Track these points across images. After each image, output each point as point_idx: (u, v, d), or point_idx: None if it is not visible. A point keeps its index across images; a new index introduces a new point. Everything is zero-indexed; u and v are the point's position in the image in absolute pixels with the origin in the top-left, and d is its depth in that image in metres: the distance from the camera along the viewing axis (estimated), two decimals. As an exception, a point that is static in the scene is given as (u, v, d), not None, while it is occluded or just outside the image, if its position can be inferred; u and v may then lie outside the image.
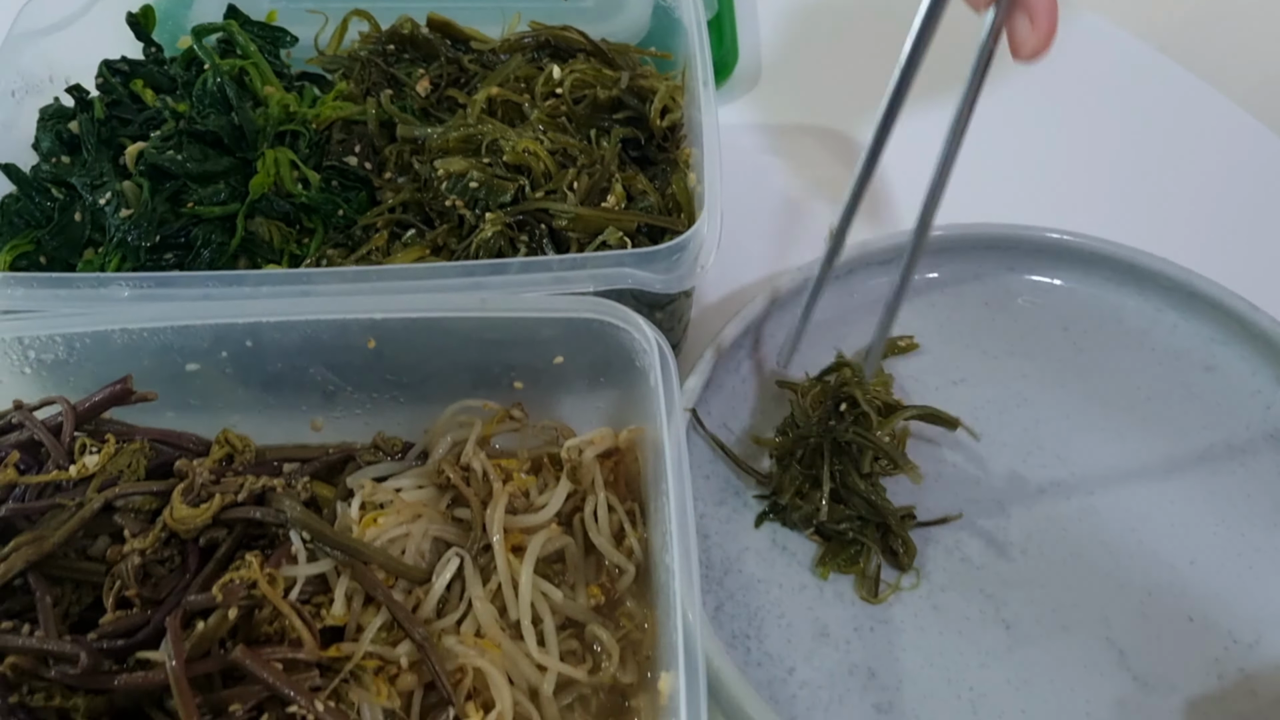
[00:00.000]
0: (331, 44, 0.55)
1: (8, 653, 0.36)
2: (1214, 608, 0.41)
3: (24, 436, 0.42)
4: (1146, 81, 0.62)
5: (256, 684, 0.36)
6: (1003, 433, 0.45)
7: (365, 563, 0.39)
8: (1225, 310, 0.46)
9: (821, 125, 0.59)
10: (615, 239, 0.44)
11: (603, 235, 0.45)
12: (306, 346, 0.42)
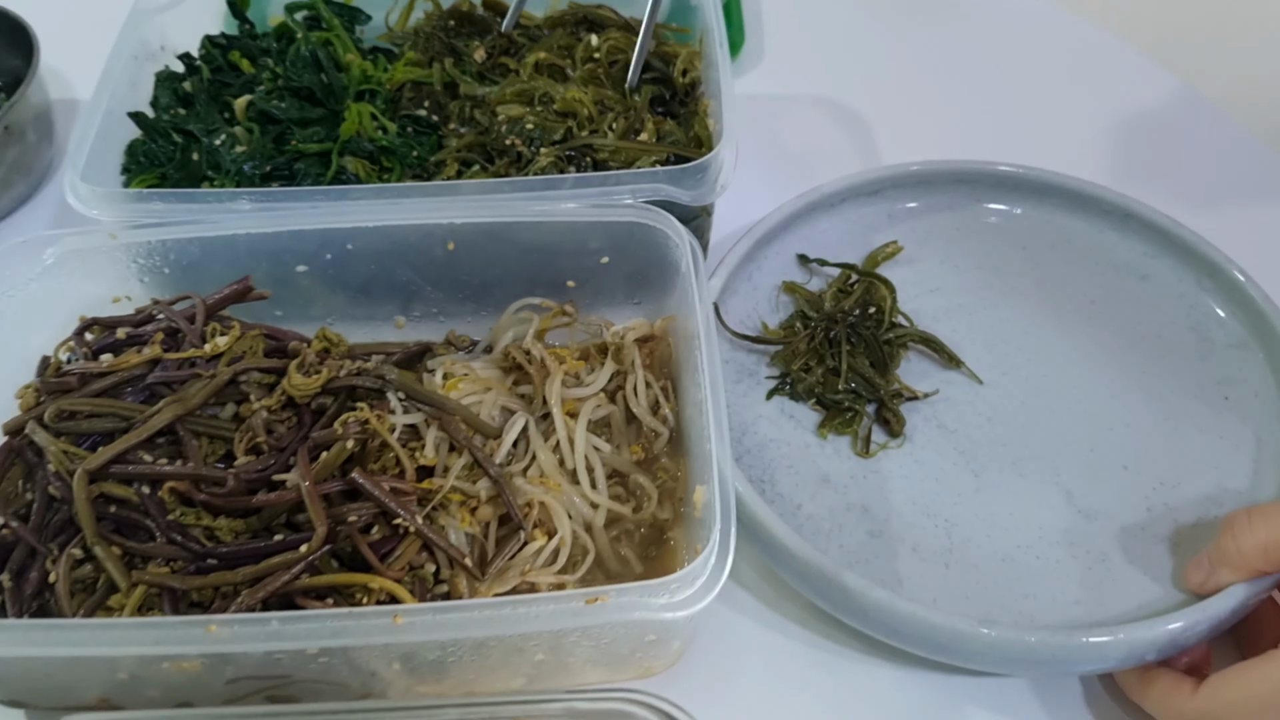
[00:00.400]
0: (400, 21, 0.65)
1: (167, 479, 0.45)
2: (1144, 459, 0.49)
3: (164, 324, 0.51)
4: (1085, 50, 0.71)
5: (369, 501, 0.45)
6: (972, 330, 0.54)
7: (450, 414, 0.47)
8: (1156, 228, 0.55)
9: (817, 95, 0.69)
10: (649, 165, 0.53)
11: (638, 164, 0.54)
12: (395, 249, 0.51)
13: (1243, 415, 0.50)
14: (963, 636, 0.42)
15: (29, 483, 0.47)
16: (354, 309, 0.55)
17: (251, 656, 0.40)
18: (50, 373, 0.50)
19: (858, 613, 0.43)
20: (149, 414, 0.47)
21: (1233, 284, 0.53)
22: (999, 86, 0.69)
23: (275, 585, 0.42)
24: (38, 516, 0.45)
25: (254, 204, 0.51)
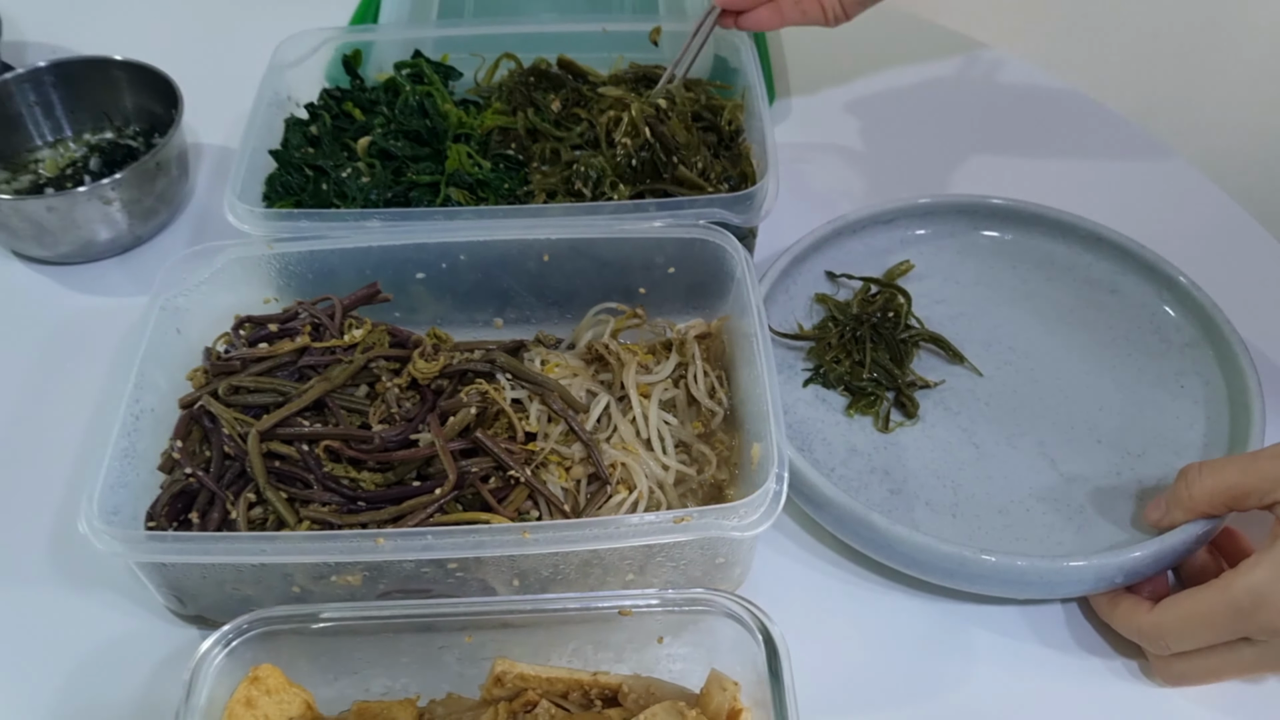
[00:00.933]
0: (486, 77, 0.77)
1: (322, 439, 0.55)
2: (1114, 434, 0.60)
3: (308, 320, 0.62)
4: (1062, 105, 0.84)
5: (487, 457, 0.55)
6: (972, 333, 0.65)
7: (549, 391, 0.58)
8: (1123, 249, 0.66)
9: (836, 143, 0.80)
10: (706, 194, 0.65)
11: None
12: (499, 260, 0.62)
13: (1194, 400, 0.61)
14: (968, 562, 0.52)
15: (205, 444, 0.57)
16: (457, 314, 0.66)
17: (403, 569, 0.50)
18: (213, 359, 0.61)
19: (883, 547, 0.54)
20: (302, 390, 0.57)
21: (1186, 294, 0.64)
22: (993, 134, 0.81)
23: (413, 522, 0.53)
24: (216, 469, 0.56)
25: (382, 222, 0.62)
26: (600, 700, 0.48)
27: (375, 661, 0.50)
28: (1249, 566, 0.49)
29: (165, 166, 0.73)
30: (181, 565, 0.50)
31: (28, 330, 0.70)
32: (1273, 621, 0.47)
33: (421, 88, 0.73)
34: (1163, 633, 0.51)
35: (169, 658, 0.55)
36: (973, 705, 0.52)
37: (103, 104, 0.78)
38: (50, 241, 0.71)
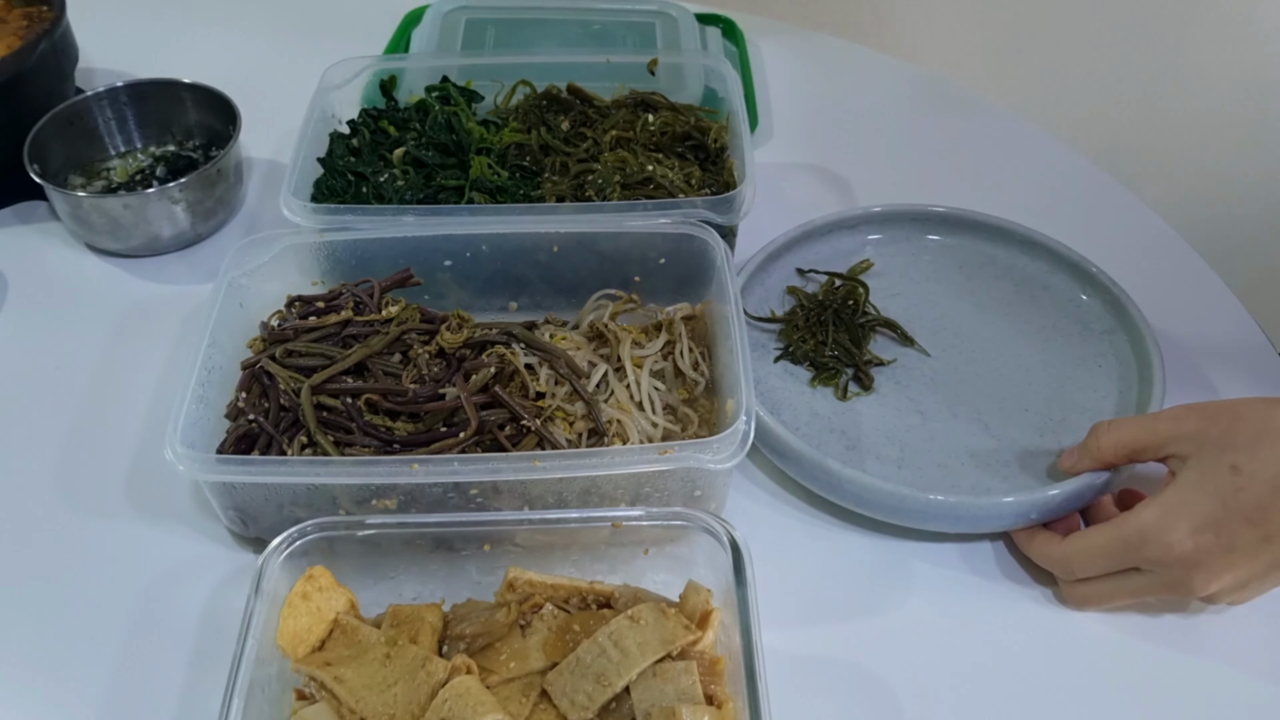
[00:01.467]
0: (504, 100, 0.88)
1: (364, 393, 0.65)
2: (1040, 405, 0.70)
3: (351, 299, 0.72)
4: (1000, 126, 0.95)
5: (503, 409, 0.65)
6: (922, 321, 0.75)
7: (556, 357, 0.68)
8: (1052, 252, 0.77)
9: (809, 163, 0.91)
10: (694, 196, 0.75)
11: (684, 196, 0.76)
12: (515, 251, 0.73)
13: (1109, 376, 0.72)
14: (907, 499, 0.62)
15: (264, 398, 0.67)
16: (477, 300, 0.76)
17: (432, 494, 0.60)
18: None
19: (836, 488, 0.64)
20: (346, 355, 0.68)
21: (1105, 289, 0.75)
22: (945, 155, 0.92)
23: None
24: (273, 417, 0.66)
25: (414, 217, 0.73)
26: (595, 604, 0.58)
27: (407, 570, 0.60)
28: (1140, 509, 0.58)
29: (224, 173, 0.84)
30: (247, 487, 0.60)
31: (103, 312, 0.80)
32: (1156, 554, 0.57)
33: (449, 108, 0.84)
34: (1070, 562, 0.61)
35: (230, 576, 0.64)
36: (912, 622, 0.62)
37: (169, 120, 0.89)
38: (123, 236, 0.82)
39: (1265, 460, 0.55)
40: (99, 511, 0.68)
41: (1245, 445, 0.56)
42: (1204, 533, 0.56)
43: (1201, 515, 0.56)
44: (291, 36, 1.07)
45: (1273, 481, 0.55)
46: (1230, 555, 0.56)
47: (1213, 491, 0.56)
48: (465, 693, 0.52)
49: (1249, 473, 0.55)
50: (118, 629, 0.62)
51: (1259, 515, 0.55)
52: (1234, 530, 0.56)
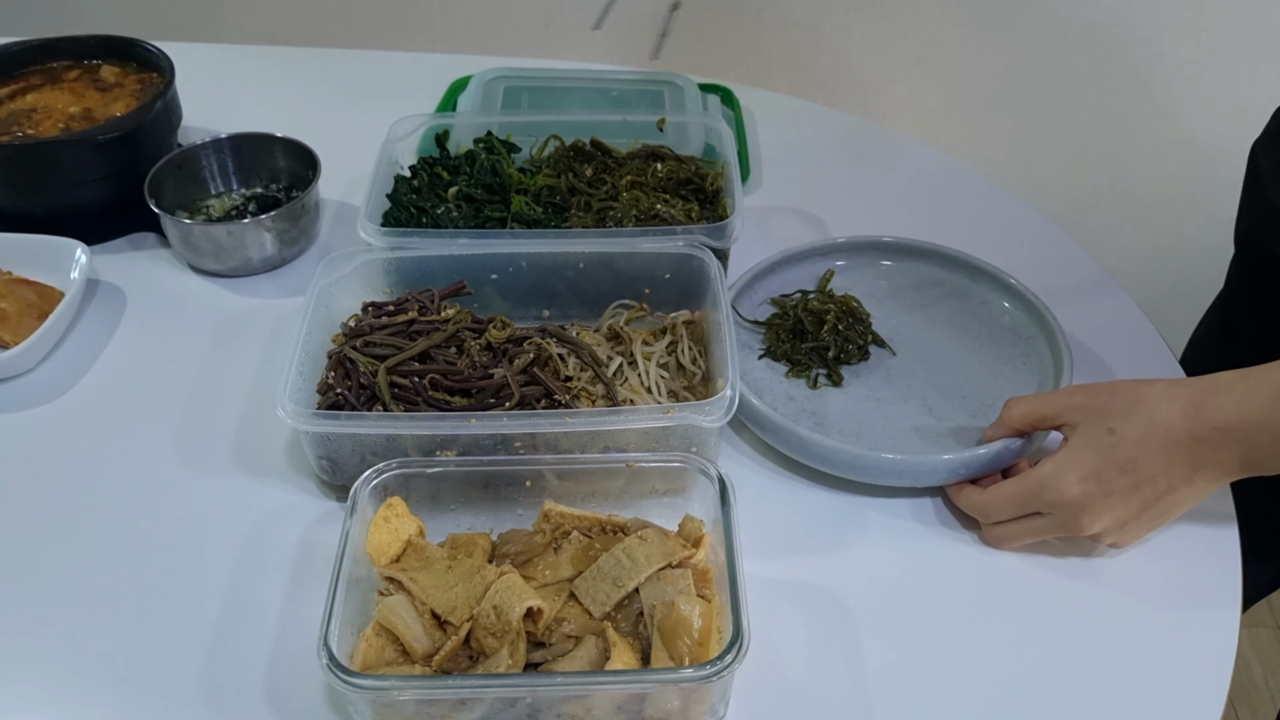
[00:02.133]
0: (538, 151, 1.05)
1: (428, 373, 0.82)
2: (974, 393, 0.86)
3: (415, 304, 0.89)
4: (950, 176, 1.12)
5: (540, 386, 0.81)
6: (881, 330, 0.92)
7: (582, 349, 0.85)
8: (988, 274, 0.94)
9: (791, 206, 1.08)
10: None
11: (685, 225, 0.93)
12: (548, 267, 0.89)
13: (1031, 371, 0.88)
14: (862, 458, 0.78)
15: (346, 379, 0.83)
16: (516, 308, 0.92)
17: (484, 446, 0.76)
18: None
19: (804, 450, 0.80)
20: (413, 345, 0.84)
21: (1030, 304, 0.91)
22: (899, 196, 1.09)
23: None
24: (355, 392, 0.82)
25: (467, 239, 0.90)
26: (611, 531, 0.74)
27: (463, 506, 0.76)
28: (1041, 464, 0.73)
29: (306, 208, 1.01)
30: (339, 437, 0.76)
31: (205, 320, 0.97)
32: (1053, 499, 0.72)
33: (493, 156, 1.02)
34: (988, 508, 0.76)
35: (318, 518, 0.80)
36: (865, 556, 0.77)
37: (259, 166, 1.07)
38: (223, 258, 0.99)
39: (1133, 424, 0.71)
40: (211, 470, 0.84)
41: (1119, 413, 0.71)
42: (1088, 481, 0.71)
43: (1086, 467, 0.71)
44: (356, 100, 1.25)
45: (1139, 440, 0.70)
46: (1109, 499, 0.71)
47: (1094, 449, 0.71)
48: (510, 586, 0.67)
49: (1121, 434, 0.71)
50: (229, 557, 0.77)
51: (1129, 466, 0.71)
52: (1111, 479, 0.71)
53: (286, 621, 0.73)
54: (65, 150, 1.00)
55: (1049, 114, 1.76)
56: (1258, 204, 0.94)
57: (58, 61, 1.13)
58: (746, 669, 0.65)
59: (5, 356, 0.89)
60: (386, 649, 0.67)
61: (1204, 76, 1.68)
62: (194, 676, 0.70)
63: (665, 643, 0.66)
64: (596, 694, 0.63)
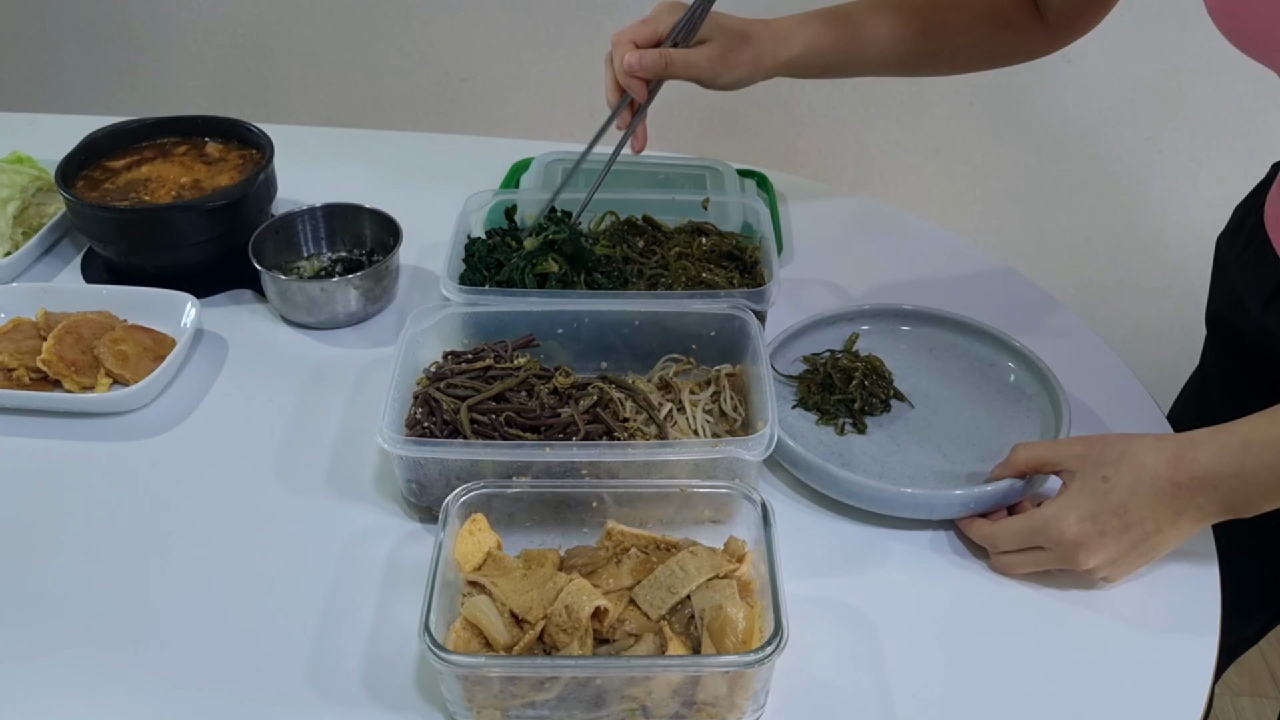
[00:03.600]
0: (595, 225, 1.19)
1: (510, 410, 0.93)
2: (984, 442, 0.96)
3: (491, 353, 1.00)
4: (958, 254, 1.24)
5: (601, 424, 0.93)
6: (902, 385, 1.03)
7: (638, 394, 0.96)
8: (997, 339, 1.05)
9: (820, 278, 1.21)
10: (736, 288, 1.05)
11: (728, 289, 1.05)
12: (607, 324, 1.01)
13: (1034, 424, 0.99)
14: (884, 492, 0.88)
15: (430, 415, 0.95)
16: (578, 360, 1.04)
17: (555, 473, 0.87)
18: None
19: (833, 485, 0.90)
20: (490, 387, 0.96)
21: (1034, 365, 1.02)
22: (917, 270, 1.22)
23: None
24: (439, 427, 0.93)
25: (537, 297, 1.02)
26: (666, 549, 0.84)
27: (535, 524, 0.87)
28: (1044, 505, 0.84)
29: (389, 269, 1.14)
30: (429, 462, 0.87)
31: (298, 367, 1.09)
32: (1054, 536, 0.82)
33: (556, 227, 1.15)
34: (996, 539, 0.87)
35: (404, 537, 0.91)
36: (888, 579, 0.87)
37: (344, 232, 1.20)
38: (315, 312, 1.12)
39: (1125, 473, 0.81)
40: (307, 494, 0.95)
41: (1112, 462, 0.82)
42: (1084, 522, 0.81)
43: (1083, 510, 0.81)
44: (425, 178, 1.39)
45: (1130, 487, 0.81)
46: (1103, 538, 0.82)
47: (1091, 494, 0.82)
48: (580, 588, 0.78)
49: (1114, 481, 0.81)
50: (327, 569, 0.88)
51: (1121, 510, 0.81)
52: (1105, 520, 0.81)
53: (379, 623, 0.84)
54: (179, 215, 1.14)
55: (1055, 202, 1.90)
56: (1223, 290, 1.06)
57: (168, 138, 1.28)
58: (783, 669, 0.76)
59: (126, 393, 1.01)
60: (472, 641, 0.77)
61: (1200, 171, 1.81)
62: (300, 666, 0.80)
63: (714, 640, 0.76)
64: (656, 678, 0.73)
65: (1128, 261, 1.94)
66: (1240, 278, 1.00)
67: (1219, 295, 1.07)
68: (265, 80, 1.94)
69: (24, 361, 1.02)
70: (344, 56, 1.90)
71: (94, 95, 1.98)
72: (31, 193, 1.24)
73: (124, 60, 1.95)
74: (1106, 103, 1.78)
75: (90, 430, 1.01)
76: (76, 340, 1.04)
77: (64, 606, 0.84)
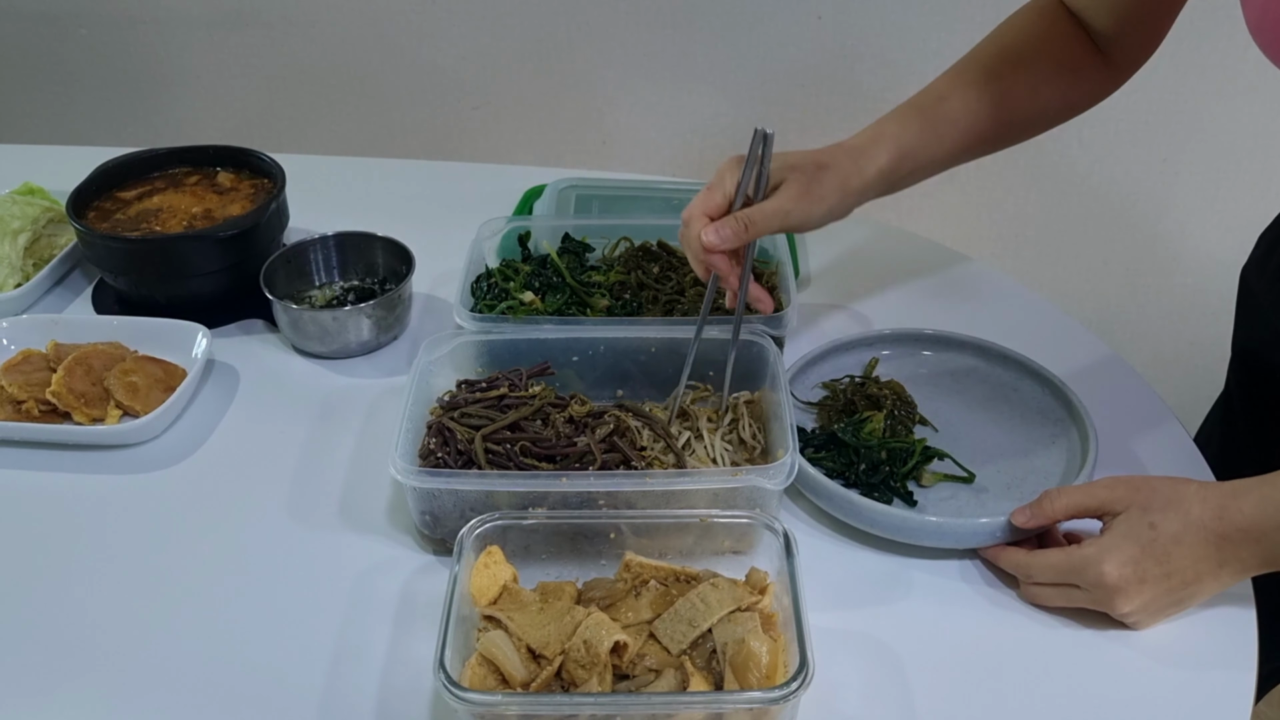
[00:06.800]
0: (609, 251, 1.17)
1: (525, 439, 0.91)
2: (1007, 467, 0.94)
3: (506, 381, 0.99)
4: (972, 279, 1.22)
5: (618, 453, 0.91)
6: (924, 410, 1.01)
7: (655, 422, 0.95)
8: (1019, 363, 1.03)
9: (836, 303, 1.19)
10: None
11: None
12: (623, 351, 1.00)
13: (1061, 452, 0.96)
14: (910, 520, 0.87)
15: (444, 445, 0.93)
16: (593, 388, 1.03)
17: (572, 503, 0.85)
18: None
19: (855, 514, 0.88)
20: (505, 416, 0.94)
21: (1059, 390, 1.00)
22: (935, 294, 1.20)
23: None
24: (453, 457, 0.92)
25: (551, 325, 1.01)
26: (686, 581, 0.82)
27: (552, 556, 0.85)
28: (1086, 544, 0.81)
29: (401, 298, 1.13)
30: (442, 493, 0.86)
31: (310, 396, 1.08)
32: (1092, 579, 0.79)
33: (569, 257, 1.14)
34: (1031, 568, 0.84)
35: (417, 569, 0.89)
36: (912, 609, 0.85)
37: (356, 261, 1.19)
38: (327, 341, 1.11)
39: (1172, 520, 0.79)
40: (319, 527, 0.93)
41: (1159, 509, 0.80)
42: (1125, 567, 0.79)
43: (1125, 555, 0.78)
44: (438, 206, 1.39)
45: (1175, 535, 0.79)
46: (1142, 585, 0.79)
47: (1135, 539, 0.80)
48: (599, 622, 0.76)
49: (1161, 528, 0.79)
50: (340, 602, 0.86)
51: (1164, 558, 0.79)
52: (1147, 567, 0.79)
53: (393, 657, 0.82)
54: (190, 245, 1.13)
55: (1071, 225, 1.88)
56: (1252, 321, 1.04)
57: (179, 168, 1.27)
58: (808, 706, 0.74)
59: (136, 424, 1.00)
60: (488, 678, 0.75)
61: (1217, 194, 1.80)
62: (313, 704, 0.78)
63: (736, 676, 0.74)
64: (678, 716, 0.71)
65: (1146, 285, 1.92)
66: (1275, 309, 0.98)
67: (1247, 326, 1.05)
68: (276, 110, 1.94)
69: (33, 394, 1.01)
70: (356, 87, 1.90)
71: (106, 127, 1.98)
72: (43, 224, 1.24)
73: (136, 92, 1.96)
74: (1122, 125, 1.76)
75: (100, 463, 0.99)
76: (86, 372, 1.03)
77: (73, 640, 0.83)
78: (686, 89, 1.78)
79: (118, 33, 1.91)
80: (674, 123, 1.52)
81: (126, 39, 1.91)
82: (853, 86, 1.76)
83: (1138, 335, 1.95)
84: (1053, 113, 1.03)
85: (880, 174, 0.94)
